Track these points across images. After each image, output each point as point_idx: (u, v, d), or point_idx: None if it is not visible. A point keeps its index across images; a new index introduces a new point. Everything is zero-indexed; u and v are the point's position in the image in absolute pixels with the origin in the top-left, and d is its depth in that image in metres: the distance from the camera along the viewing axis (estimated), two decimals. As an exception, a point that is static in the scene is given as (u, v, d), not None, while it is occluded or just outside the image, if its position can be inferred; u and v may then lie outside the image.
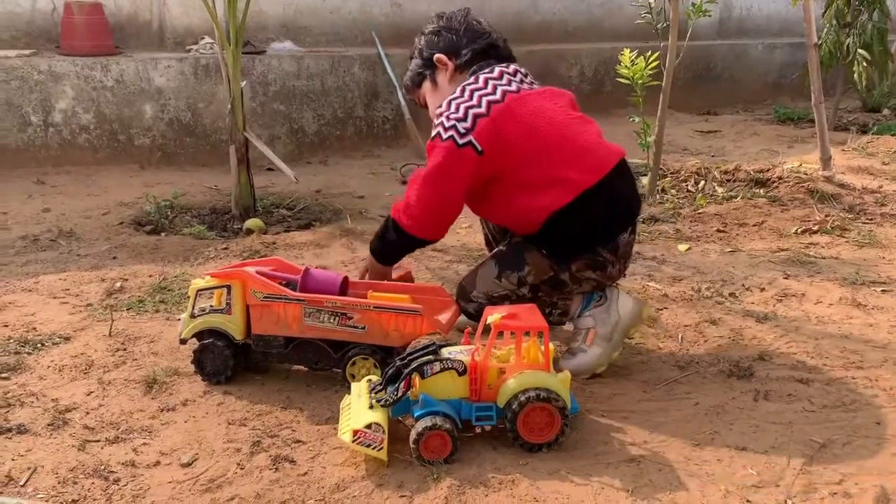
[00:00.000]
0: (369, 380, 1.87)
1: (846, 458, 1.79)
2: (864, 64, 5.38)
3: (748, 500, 1.64)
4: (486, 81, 2.08)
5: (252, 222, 3.49)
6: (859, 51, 5.37)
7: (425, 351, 1.81)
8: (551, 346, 1.86)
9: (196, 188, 4.13)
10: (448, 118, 2.01)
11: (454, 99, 2.05)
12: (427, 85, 2.24)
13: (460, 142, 1.99)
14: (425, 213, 2.09)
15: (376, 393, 1.80)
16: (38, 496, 1.63)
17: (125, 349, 2.29)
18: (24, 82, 4.26)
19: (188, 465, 1.75)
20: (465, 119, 2.00)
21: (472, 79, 2.10)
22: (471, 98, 2.03)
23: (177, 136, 4.61)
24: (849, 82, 5.83)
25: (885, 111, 6.53)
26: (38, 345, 2.30)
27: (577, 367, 2.11)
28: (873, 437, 1.87)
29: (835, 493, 1.66)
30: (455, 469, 1.71)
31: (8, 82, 4.23)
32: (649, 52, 3.66)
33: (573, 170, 2.03)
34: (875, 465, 1.76)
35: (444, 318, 2.10)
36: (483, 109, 2.01)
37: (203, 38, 4.85)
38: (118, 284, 2.78)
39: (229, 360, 2.08)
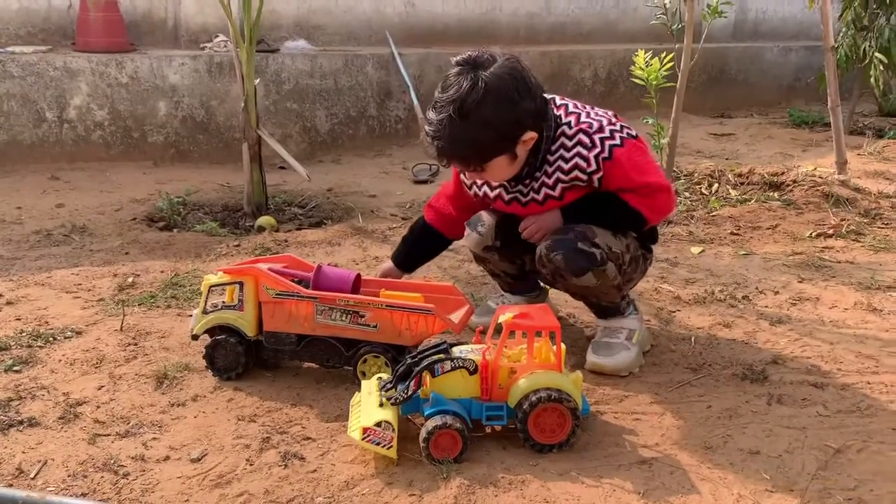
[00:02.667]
0: (380, 377, 1.87)
1: (861, 463, 1.77)
2: (881, 68, 5.33)
3: (761, 505, 1.62)
4: (581, 106, 2.14)
5: (264, 220, 3.49)
6: (876, 54, 5.32)
7: (436, 349, 1.80)
8: (563, 346, 1.85)
9: (208, 185, 4.14)
10: (612, 123, 2.09)
11: (589, 120, 2.08)
12: (503, 159, 2.02)
13: (634, 133, 2.12)
14: (668, 185, 2.16)
15: (386, 391, 1.79)
16: (48, 489, 1.63)
17: (136, 344, 2.29)
18: (39, 78, 4.28)
19: (197, 460, 1.75)
20: (618, 122, 2.11)
21: (573, 108, 2.12)
22: (597, 115, 2.11)
23: (190, 133, 4.63)
24: (865, 86, 5.78)
25: (902, 115, 6.47)
26: (50, 338, 2.30)
27: (622, 363, 2.16)
28: (889, 442, 1.85)
29: (850, 499, 1.64)
30: (465, 468, 1.71)
31: (24, 78, 4.26)
32: (663, 54, 3.64)
33: None
34: (891, 471, 1.74)
35: (456, 317, 2.09)
36: (612, 115, 2.14)
37: (217, 35, 4.86)
38: (130, 280, 2.79)
39: (241, 357, 2.08)
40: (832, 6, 4.12)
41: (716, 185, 4.09)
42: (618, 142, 2.05)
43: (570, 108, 2.11)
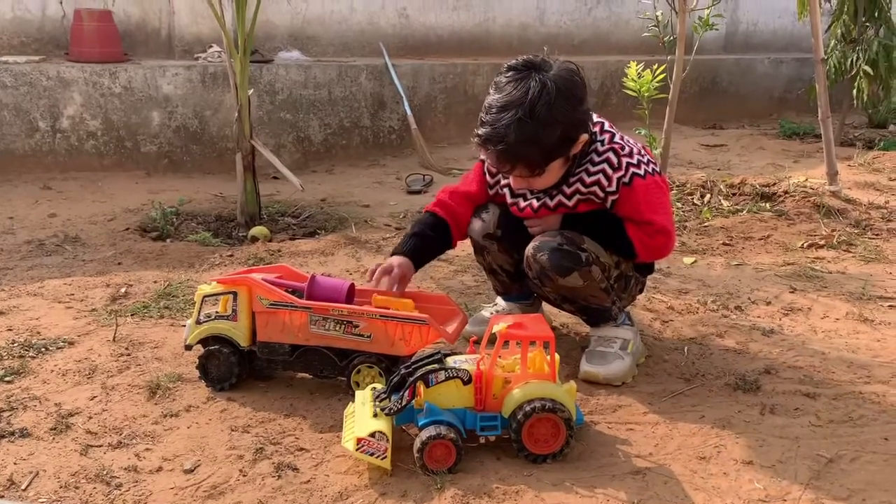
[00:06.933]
0: (374, 388, 1.87)
1: (854, 473, 1.77)
2: (866, 80, 5.39)
3: (755, 515, 1.63)
4: (615, 128, 2.17)
5: (257, 230, 3.49)
6: (863, 67, 5.38)
7: (430, 359, 1.81)
8: (557, 356, 1.86)
9: (202, 195, 4.14)
10: (640, 153, 2.12)
11: (621, 142, 2.11)
12: (560, 162, 2.05)
13: (659, 170, 2.17)
14: (671, 232, 2.18)
15: (380, 401, 1.79)
16: (40, 500, 1.62)
17: (129, 354, 2.28)
18: (32, 88, 4.28)
19: (190, 471, 1.74)
20: (646, 155, 2.14)
21: (608, 127, 2.15)
22: (628, 141, 2.14)
23: (183, 143, 4.62)
24: (855, 98, 5.83)
25: (892, 127, 6.52)
26: (42, 349, 2.29)
27: (616, 372, 2.16)
28: (881, 452, 1.86)
29: (842, 509, 1.65)
30: (459, 479, 1.70)
31: (17, 88, 4.25)
32: (655, 65, 3.67)
33: None
34: (883, 480, 1.75)
35: (450, 327, 2.09)
36: (642, 147, 2.17)
37: (211, 46, 4.87)
38: (123, 290, 2.78)
39: (234, 367, 2.08)
40: (822, 19, 4.17)
41: (708, 195, 4.11)
42: (641, 172, 2.09)
43: (605, 127, 2.15)
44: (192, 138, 4.64)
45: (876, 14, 5.47)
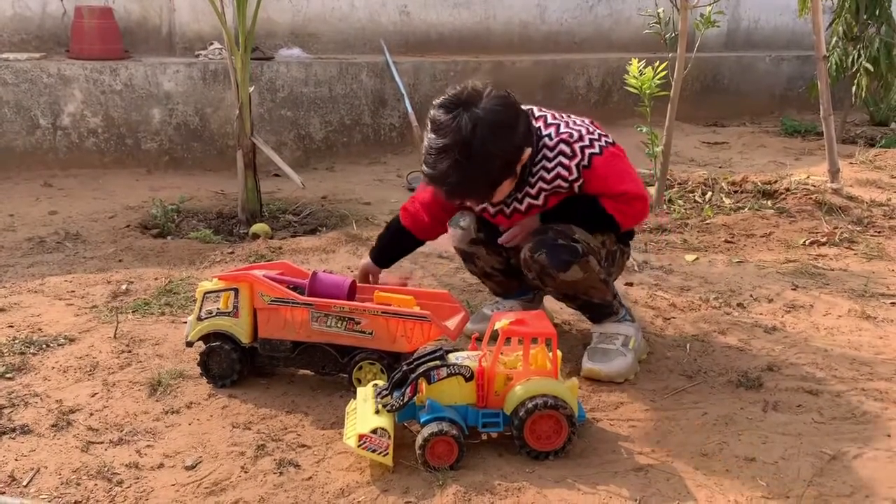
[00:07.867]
0: (375, 384, 1.86)
1: (857, 470, 1.77)
2: (866, 77, 5.38)
3: (757, 512, 1.62)
4: (559, 116, 2.18)
5: (258, 227, 3.49)
6: (864, 64, 5.37)
7: (432, 356, 1.80)
8: (559, 352, 1.85)
9: (202, 193, 4.13)
10: (590, 132, 2.13)
11: (569, 130, 2.11)
12: (508, 181, 2.07)
13: (612, 141, 2.17)
14: (644, 194, 2.20)
15: (382, 398, 1.79)
16: (41, 497, 1.62)
17: (130, 351, 2.28)
18: (33, 85, 4.27)
19: (192, 467, 1.74)
20: (596, 130, 2.15)
21: (551, 119, 2.15)
22: (576, 124, 2.14)
23: (184, 140, 4.62)
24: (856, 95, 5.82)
25: (893, 125, 6.51)
26: (43, 346, 2.29)
27: (618, 369, 2.16)
28: (884, 449, 1.85)
29: (845, 506, 1.64)
30: (461, 475, 1.70)
31: (17, 85, 4.24)
32: (657, 63, 3.66)
33: None
34: (886, 477, 1.74)
35: (451, 324, 2.09)
36: (590, 123, 2.19)
37: (212, 43, 4.86)
38: (124, 287, 2.78)
39: (235, 364, 2.07)
40: (823, 16, 4.15)
41: (709, 193, 4.11)
42: (597, 150, 2.10)
43: (549, 120, 2.15)
44: (192, 135, 4.63)
45: (877, 12, 5.46)
